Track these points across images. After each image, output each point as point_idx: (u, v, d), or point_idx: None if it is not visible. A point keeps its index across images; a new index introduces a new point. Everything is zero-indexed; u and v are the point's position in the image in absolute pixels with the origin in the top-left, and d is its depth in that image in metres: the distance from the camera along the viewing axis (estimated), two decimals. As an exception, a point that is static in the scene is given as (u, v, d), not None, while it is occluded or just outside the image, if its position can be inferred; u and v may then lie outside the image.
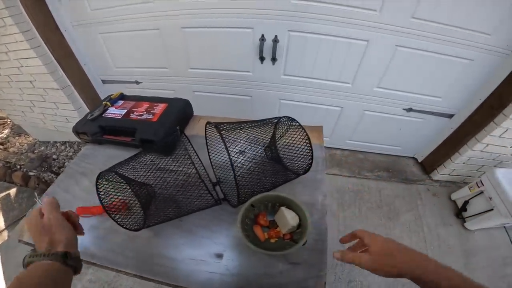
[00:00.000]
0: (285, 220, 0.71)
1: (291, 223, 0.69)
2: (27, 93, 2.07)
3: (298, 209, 0.72)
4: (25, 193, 2.14)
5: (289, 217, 0.70)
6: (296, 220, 0.70)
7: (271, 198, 0.76)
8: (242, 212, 0.71)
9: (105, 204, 0.66)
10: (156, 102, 1.00)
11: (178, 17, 1.57)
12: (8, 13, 1.52)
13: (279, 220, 0.74)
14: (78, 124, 0.96)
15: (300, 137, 0.78)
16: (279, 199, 0.76)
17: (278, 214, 0.75)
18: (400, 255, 0.48)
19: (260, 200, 0.75)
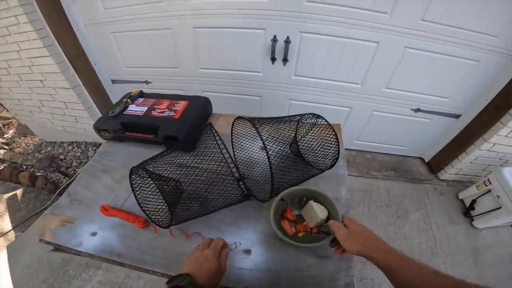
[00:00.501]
0: (314, 214, 0.71)
1: (321, 216, 0.70)
2: (37, 92, 2.06)
3: (327, 202, 0.72)
4: (32, 193, 2.14)
5: (318, 210, 0.71)
6: (325, 213, 0.71)
7: (300, 192, 0.77)
8: (274, 205, 0.72)
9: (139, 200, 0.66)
10: (176, 100, 1.01)
11: (190, 17, 1.58)
12: (23, 11, 1.51)
13: (307, 214, 0.74)
14: (99, 121, 0.96)
15: (326, 134, 0.79)
16: (307, 193, 0.77)
17: (306, 208, 0.75)
18: (371, 239, 0.56)
19: (289, 194, 0.76)
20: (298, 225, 0.74)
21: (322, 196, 0.74)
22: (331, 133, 0.79)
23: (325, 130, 0.80)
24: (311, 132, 0.84)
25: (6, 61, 1.88)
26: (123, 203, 0.84)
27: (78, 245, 0.75)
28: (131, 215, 0.78)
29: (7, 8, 1.52)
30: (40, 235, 0.79)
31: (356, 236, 0.57)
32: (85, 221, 0.81)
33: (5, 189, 2.18)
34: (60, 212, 0.83)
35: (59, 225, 0.80)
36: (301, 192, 0.77)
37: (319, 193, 0.74)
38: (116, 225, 0.79)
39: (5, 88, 2.15)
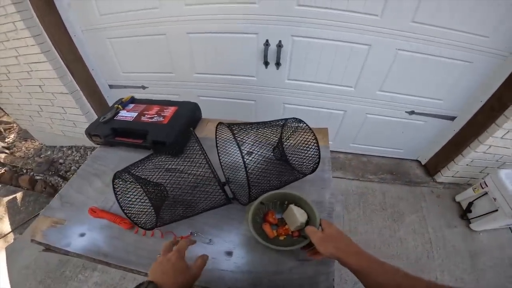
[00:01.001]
0: (294, 217, 0.72)
1: (300, 219, 0.70)
2: (36, 97, 2.10)
3: (307, 206, 0.73)
4: (31, 196, 2.18)
5: (298, 214, 0.71)
6: (305, 217, 0.71)
7: (280, 195, 0.78)
8: (253, 209, 0.73)
9: (121, 203, 0.68)
10: (166, 105, 1.03)
11: (183, 23, 1.60)
12: (20, 17, 1.54)
13: (288, 217, 0.75)
14: (90, 126, 0.98)
15: (307, 138, 0.80)
16: (288, 197, 0.78)
17: (287, 211, 0.75)
18: (345, 242, 0.57)
19: (269, 198, 0.77)
20: (280, 228, 0.75)
21: (302, 200, 0.75)
22: (312, 137, 0.79)
23: (307, 135, 0.81)
24: (293, 137, 0.84)
25: (6, 66, 1.91)
26: (111, 206, 0.86)
27: (66, 245, 0.77)
28: (118, 217, 0.80)
29: (5, 15, 1.56)
30: (31, 235, 0.81)
31: (330, 239, 0.58)
32: (75, 222, 0.83)
33: (5, 192, 2.22)
34: (51, 214, 0.85)
35: (49, 226, 0.82)
36: (281, 196, 0.78)
37: (298, 196, 0.75)
38: (104, 227, 0.81)
39: (5, 93, 2.19)
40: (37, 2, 1.55)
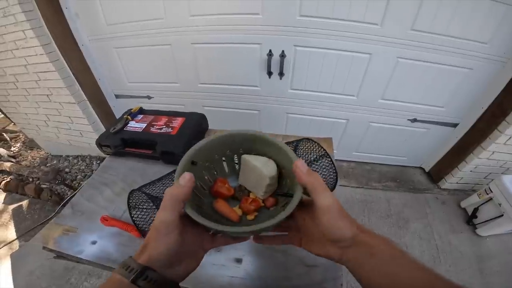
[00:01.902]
0: (256, 174, 0.46)
1: (266, 173, 0.44)
2: (43, 107, 2.12)
3: (271, 148, 0.46)
4: (37, 204, 2.19)
5: (260, 165, 0.45)
6: (274, 168, 0.45)
7: (220, 143, 0.47)
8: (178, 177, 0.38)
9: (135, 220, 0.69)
10: (174, 116, 1.05)
11: (188, 33, 1.63)
12: (29, 26, 1.57)
13: (247, 179, 0.49)
14: (101, 137, 1.01)
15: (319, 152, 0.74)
16: (235, 145, 0.49)
17: (243, 169, 0.50)
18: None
19: (205, 151, 0.46)
20: (244, 201, 0.48)
21: (260, 140, 0.46)
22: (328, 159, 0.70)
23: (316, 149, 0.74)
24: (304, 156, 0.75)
25: (14, 75, 1.93)
26: (122, 214, 0.87)
27: (79, 252, 0.78)
28: (129, 225, 0.81)
29: (15, 23, 1.58)
30: (43, 243, 0.82)
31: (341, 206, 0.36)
32: (86, 230, 0.84)
33: (11, 201, 2.24)
34: (63, 222, 0.87)
35: (61, 234, 0.83)
36: (222, 143, 0.48)
37: (254, 136, 0.46)
38: (114, 234, 0.82)
39: (13, 102, 2.21)
40: (46, 11, 1.58)
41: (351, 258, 0.35)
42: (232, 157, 0.51)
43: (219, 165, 0.52)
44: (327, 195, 0.35)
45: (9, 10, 1.53)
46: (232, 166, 0.53)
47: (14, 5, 1.50)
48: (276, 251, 0.73)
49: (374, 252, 0.34)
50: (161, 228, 0.34)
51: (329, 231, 0.35)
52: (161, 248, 0.34)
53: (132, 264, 0.33)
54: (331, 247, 0.37)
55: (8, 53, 1.77)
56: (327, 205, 0.34)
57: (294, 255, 0.72)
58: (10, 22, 1.58)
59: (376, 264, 0.33)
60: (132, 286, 0.32)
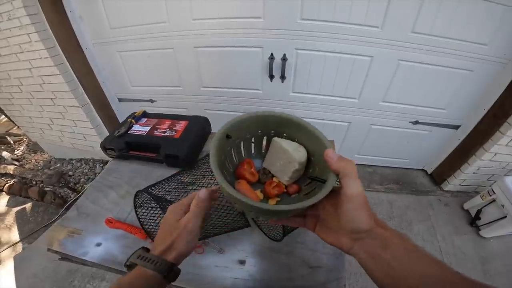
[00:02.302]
0: (285, 158, 0.45)
1: (296, 157, 0.43)
2: (47, 110, 2.13)
3: (304, 133, 0.45)
4: (40, 207, 2.21)
5: (291, 149, 0.44)
6: (304, 154, 0.45)
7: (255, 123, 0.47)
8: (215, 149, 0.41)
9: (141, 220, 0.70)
10: (177, 120, 1.06)
11: (191, 37, 1.64)
12: (34, 29, 1.58)
13: (274, 162, 0.48)
14: (105, 140, 1.02)
15: None
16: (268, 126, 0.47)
17: (271, 152, 0.49)
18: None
19: (238, 128, 0.46)
20: (267, 185, 0.47)
21: (293, 123, 0.45)
22: None
23: None
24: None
25: (19, 78, 1.94)
26: (126, 216, 0.88)
27: (83, 254, 0.79)
28: (134, 227, 0.82)
29: (20, 26, 1.59)
30: (48, 245, 0.83)
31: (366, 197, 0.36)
32: (91, 232, 0.85)
33: (15, 203, 2.26)
34: (68, 224, 0.87)
35: (66, 236, 0.84)
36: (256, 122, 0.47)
37: (287, 119, 0.45)
38: (119, 236, 0.83)
39: (17, 105, 2.23)
40: (50, 15, 1.59)
41: (363, 250, 0.35)
42: (261, 138, 0.50)
43: (248, 145, 0.51)
44: (357, 184, 0.35)
45: (14, 13, 1.54)
46: (259, 147, 0.52)
47: (19, 8, 1.51)
48: (279, 253, 0.74)
49: (387, 245, 0.34)
50: (196, 232, 0.42)
51: (348, 220, 0.35)
52: (190, 248, 0.41)
53: (160, 261, 0.38)
54: (344, 237, 0.37)
55: (13, 56, 1.78)
56: (355, 193, 0.35)
57: (297, 256, 0.73)
58: (15, 25, 1.59)
59: (388, 257, 0.33)
60: (163, 281, 0.37)
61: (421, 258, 0.33)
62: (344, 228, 0.37)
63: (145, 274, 0.37)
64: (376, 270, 0.34)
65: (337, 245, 0.38)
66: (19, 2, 1.48)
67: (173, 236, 0.40)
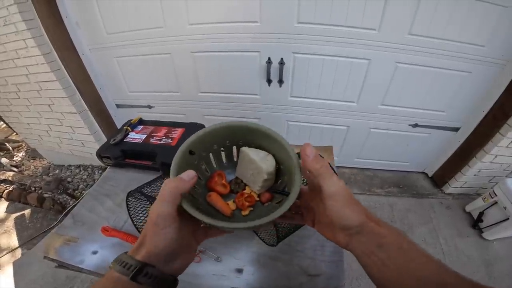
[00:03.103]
0: (253, 168, 0.44)
1: (264, 167, 0.42)
2: (45, 117, 2.12)
3: (272, 143, 0.44)
4: (39, 213, 2.20)
5: (258, 159, 0.43)
6: (272, 163, 0.44)
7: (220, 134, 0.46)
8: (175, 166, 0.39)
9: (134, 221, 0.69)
10: (173, 127, 1.05)
11: (187, 42, 1.63)
12: (30, 35, 1.56)
13: (244, 171, 0.47)
14: (101, 148, 1.01)
15: None
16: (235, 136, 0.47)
17: (241, 162, 0.47)
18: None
19: (204, 142, 0.45)
20: (239, 196, 0.46)
21: (260, 133, 0.44)
22: None
23: None
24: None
25: (16, 84, 1.93)
26: (122, 225, 0.87)
27: (80, 262, 0.78)
28: (130, 236, 0.81)
29: (16, 32, 1.57)
30: (45, 252, 0.83)
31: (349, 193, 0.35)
32: (87, 240, 0.84)
33: (14, 209, 2.26)
34: (64, 232, 0.87)
35: (62, 244, 0.84)
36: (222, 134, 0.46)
37: (254, 128, 0.44)
38: (115, 245, 0.82)
39: (15, 112, 2.22)
40: (46, 20, 1.58)
41: (358, 247, 0.34)
42: (231, 148, 0.50)
43: (218, 156, 0.50)
44: (334, 182, 0.34)
45: (9, 18, 1.53)
46: (230, 157, 0.52)
47: (14, 14, 1.50)
48: (278, 261, 0.73)
49: (382, 242, 0.33)
50: (159, 221, 0.33)
51: (335, 218, 0.34)
52: (160, 242, 0.33)
53: (129, 260, 0.32)
54: (338, 233, 0.36)
55: (10, 62, 1.77)
56: (334, 192, 0.34)
57: (295, 264, 0.72)
58: (11, 31, 1.58)
59: (383, 256, 0.32)
60: (131, 284, 0.31)
61: (417, 258, 0.32)
62: (334, 225, 0.36)
63: (112, 276, 0.32)
64: (372, 268, 0.33)
65: (334, 240, 0.38)
66: (14, 7, 1.47)
67: (145, 229, 0.34)
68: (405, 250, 0.32)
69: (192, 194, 0.42)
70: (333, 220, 0.35)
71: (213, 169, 0.51)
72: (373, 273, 0.34)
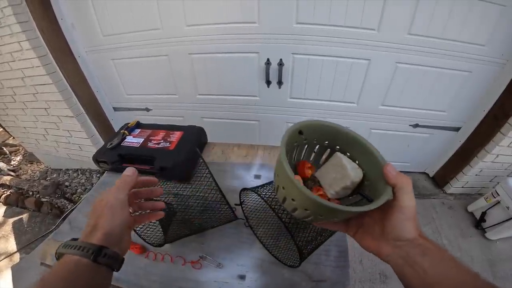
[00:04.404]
0: (340, 172, 0.45)
1: (352, 175, 0.44)
2: (42, 120, 2.09)
3: (365, 156, 0.45)
4: (37, 217, 2.17)
5: (349, 166, 0.45)
6: (360, 175, 0.45)
7: (328, 131, 0.49)
8: (286, 139, 0.42)
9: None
10: (171, 130, 1.03)
11: (185, 43, 1.61)
12: (25, 37, 1.54)
13: (326, 175, 0.48)
14: (98, 152, 0.99)
15: None
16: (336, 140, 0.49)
17: (328, 164, 0.49)
18: None
19: (310, 131, 0.48)
20: (314, 190, 0.48)
21: (360, 146, 0.46)
22: None
23: None
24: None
25: (12, 88, 1.90)
26: (120, 232, 0.85)
27: (77, 269, 0.77)
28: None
29: (11, 34, 1.55)
30: (41, 259, 0.82)
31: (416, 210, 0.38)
32: (84, 247, 0.83)
33: (12, 214, 2.22)
34: (61, 238, 0.85)
35: (59, 250, 0.82)
36: (326, 132, 0.49)
37: (356, 139, 0.46)
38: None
39: (12, 115, 2.19)
40: (41, 22, 1.55)
41: (401, 257, 0.36)
42: (325, 149, 0.52)
43: (310, 150, 0.53)
44: (411, 197, 0.37)
45: (4, 20, 1.50)
46: (318, 158, 0.54)
47: (9, 16, 1.47)
48: (282, 268, 0.71)
49: (426, 253, 0.35)
50: (117, 205, 0.40)
51: (395, 228, 0.37)
52: (116, 223, 0.39)
53: (84, 244, 0.35)
54: (385, 243, 0.38)
55: (5, 65, 1.74)
56: (409, 206, 0.36)
57: (299, 270, 0.70)
58: (6, 33, 1.56)
59: (426, 264, 0.34)
60: (92, 264, 0.35)
61: (458, 267, 0.34)
62: (388, 235, 0.38)
63: (70, 260, 0.35)
64: (412, 277, 0.35)
65: (375, 250, 0.40)
66: (9, 9, 1.45)
67: (96, 215, 0.39)
68: (447, 260, 0.34)
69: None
70: (391, 232, 0.37)
71: (301, 159, 0.53)
72: (412, 282, 0.35)
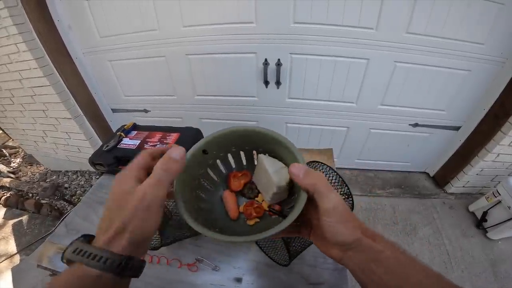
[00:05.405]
0: (266, 178, 0.41)
1: (276, 180, 0.39)
2: (40, 122, 2.08)
3: (289, 155, 0.40)
4: (37, 219, 2.18)
5: (271, 170, 0.40)
6: (286, 176, 0.40)
7: (236, 137, 0.44)
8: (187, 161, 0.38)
9: None
10: (168, 132, 1.02)
11: (182, 44, 1.60)
12: (22, 39, 1.53)
13: (259, 180, 0.46)
14: (94, 155, 0.98)
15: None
16: (252, 139, 0.44)
17: (257, 168, 0.46)
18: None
19: (218, 143, 0.44)
20: (248, 204, 0.45)
21: (274, 140, 0.41)
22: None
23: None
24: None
25: (10, 90, 1.89)
26: (116, 234, 0.85)
27: (73, 271, 0.76)
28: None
29: (8, 36, 1.54)
30: (38, 261, 0.83)
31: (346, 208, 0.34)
32: (81, 250, 0.82)
33: (11, 216, 2.23)
34: (58, 241, 0.86)
35: (56, 252, 0.83)
36: (238, 136, 0.44)
37: (267, 135, 0.41)
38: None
39: (10, 118, 2.19)
40: (37, 24, 1.54)
41: (352, 263, 0.33)
42: (251, 152, 0.49)
43: (237, 158, 0.50)
44: (331, 197, 0.33)
45: (0, 22, 1.50)
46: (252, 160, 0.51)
47: (5, 18, 1.47)
48: (278, 270, 0.70)
49: (378, 258, 0.31)
50: (154, 204, 0.29)
51: (329, 233, 0.33)
52: (150, 229, 0.30)
53: (107, 255, 0.26)
54: (332, 248, 0.35)
55: (3, 67, 1.73)
56: (331, 207, 0.32)
57: (296, 273, 0.69)
58: (3, 35, 1.55)
59: (381, 271, 0.31)
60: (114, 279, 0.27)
61: (417, 270, 0.31)
62: (328, 240, 0.34)
63: (89, 274, 0.26)
64: (368, 283, 0.32)
65: (328, 255, 0.37)
66: (5, 11, 1.44)
67: (123, 214, 0.28)
68: (403, 264, 0.31)
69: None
70: (327, 236, 0.34)
71: (232, 168, 0.52)
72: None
